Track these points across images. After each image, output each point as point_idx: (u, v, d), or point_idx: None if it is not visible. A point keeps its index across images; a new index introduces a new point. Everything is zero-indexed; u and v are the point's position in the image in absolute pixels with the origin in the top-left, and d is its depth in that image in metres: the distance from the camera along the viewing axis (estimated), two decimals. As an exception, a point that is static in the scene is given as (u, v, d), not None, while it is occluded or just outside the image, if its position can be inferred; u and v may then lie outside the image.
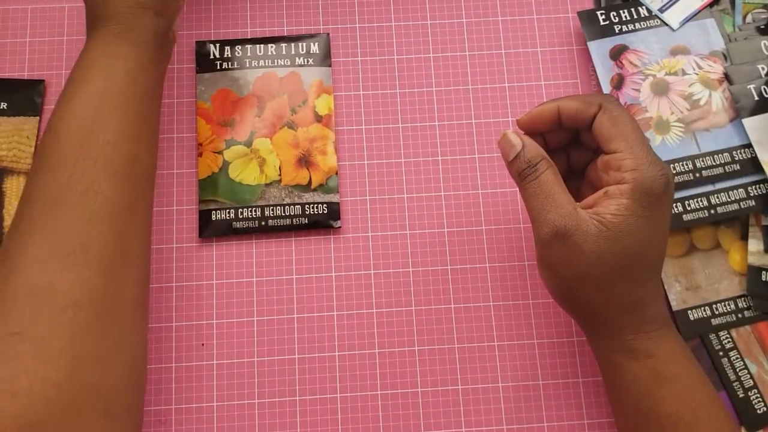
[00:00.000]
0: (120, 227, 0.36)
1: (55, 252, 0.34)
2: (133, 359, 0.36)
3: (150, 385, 0.45)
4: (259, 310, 0.46)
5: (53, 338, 0.32)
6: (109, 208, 0.36)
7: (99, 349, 0.34)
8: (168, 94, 0.50)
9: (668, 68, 0.49)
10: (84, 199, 0.35)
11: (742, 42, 0.49)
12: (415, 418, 0.45)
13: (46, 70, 0.50)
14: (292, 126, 0.49)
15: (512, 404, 0.45)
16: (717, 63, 0.49)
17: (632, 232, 0.35)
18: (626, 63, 0.49)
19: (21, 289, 0.33)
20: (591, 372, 0.46)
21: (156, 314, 0.46)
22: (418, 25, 0.52)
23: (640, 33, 0.50)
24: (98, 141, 0.36)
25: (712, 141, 0.47)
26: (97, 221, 0.35)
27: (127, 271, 0.36)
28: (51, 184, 0.35)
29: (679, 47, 0.50)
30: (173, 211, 0.48)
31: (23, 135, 0.49)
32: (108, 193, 0.36)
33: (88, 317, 0.33)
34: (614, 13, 0.50)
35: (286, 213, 0.47)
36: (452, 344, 0.46)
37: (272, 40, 0.50)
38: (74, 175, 0.35)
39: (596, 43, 0.50)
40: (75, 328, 0.33)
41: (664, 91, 0.48)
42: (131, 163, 0.37)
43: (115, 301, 0.35)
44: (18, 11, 0.51)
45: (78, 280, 0.34)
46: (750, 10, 0.51)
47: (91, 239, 0.35)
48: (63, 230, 0.34)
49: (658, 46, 0.49)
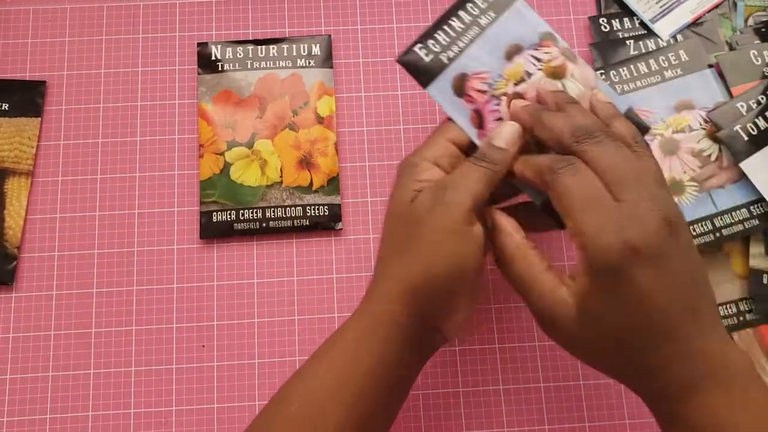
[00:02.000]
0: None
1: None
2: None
3: (151, 386, 0.45)
4: (259, 311, 0.46)
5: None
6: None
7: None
8: (169, 95, 0.50)
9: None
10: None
11: (733, 54, 0.49)
12: (416, 420, 0.45)
13: (48, 71, 0.50)
14: (293, 127, 0.49)
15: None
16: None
17: (602, 314, 0.32)
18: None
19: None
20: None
21: (157, 315, 0.46)
22: (420, 26, 0.52)
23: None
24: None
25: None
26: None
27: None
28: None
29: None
30: (174, 212, 0.48)
31: (24, 136, 0.49)
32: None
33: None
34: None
35: (287, 215, 0.47)
36: (453, 346, 0.46)
37: (274, 42, 0.50)
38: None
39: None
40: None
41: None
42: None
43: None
44: (20, 12, 0.51)
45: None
46: (752, 12, 0.51)
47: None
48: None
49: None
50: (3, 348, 0.45)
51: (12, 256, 0.46)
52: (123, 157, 0.49)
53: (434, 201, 0.35)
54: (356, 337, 0.36)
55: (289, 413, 0.35)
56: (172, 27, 0.51)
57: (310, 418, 0.34)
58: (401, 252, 0.36)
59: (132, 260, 0.47)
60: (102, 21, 0.51)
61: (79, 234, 0.47)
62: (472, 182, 0.35)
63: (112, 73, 0.50)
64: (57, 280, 0.46)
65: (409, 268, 0.35)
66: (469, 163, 0.36)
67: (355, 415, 0.34)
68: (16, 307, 0.46)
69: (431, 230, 0.34)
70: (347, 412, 0.34)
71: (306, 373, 0.36)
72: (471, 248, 0.35)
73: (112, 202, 0.48)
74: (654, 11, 0.51)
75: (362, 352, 0.35)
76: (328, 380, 0.35)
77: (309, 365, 0.37)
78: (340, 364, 0.35)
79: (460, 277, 0.35)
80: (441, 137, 0.38)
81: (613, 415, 0.45)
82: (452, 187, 0.35)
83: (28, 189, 0.48)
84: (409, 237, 0.35)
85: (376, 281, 0.37)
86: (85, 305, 0.46)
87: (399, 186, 0.37)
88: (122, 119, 0.49)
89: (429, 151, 0.38)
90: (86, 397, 0.45)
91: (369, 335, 0.35)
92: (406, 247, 0.35)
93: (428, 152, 0.37)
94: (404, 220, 0.36)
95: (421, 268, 0.35)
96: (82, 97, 0.50)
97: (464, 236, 0.34)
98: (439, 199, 0.35)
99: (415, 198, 0.36)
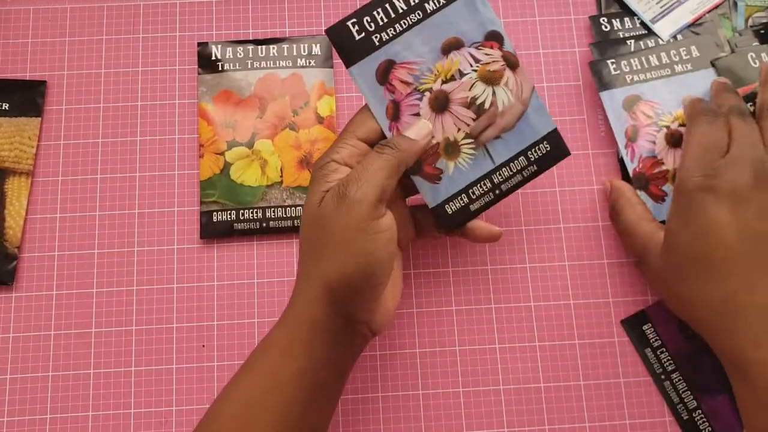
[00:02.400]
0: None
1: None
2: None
3: (151, 386, 0.45)
4: (260, 311, 0.46)
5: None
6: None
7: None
8: (169, 95, 0.50)
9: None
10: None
11: (730, 57, 0.48)
12: (416, 420, 0.45)
13: (48, 71, 0.50)
14: (293, 127, 0.49)
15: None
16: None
17: (679, 239, 0.39)
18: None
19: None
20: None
21: (157, 315, 0.46)
22: (420, 26, 0.52)
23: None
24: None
25: (504, 148, 0.42)
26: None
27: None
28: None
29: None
30: (174, 212, 0.48)
31: (25, 135, 0.49)
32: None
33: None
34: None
35: (288, 215, 0.47)
36: (453, 346, 0.46)
37: (274, 42, 0.50)
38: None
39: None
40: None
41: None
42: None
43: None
44: (20, 12, 0.51)
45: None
46: (752, 12, 0.51)
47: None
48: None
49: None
50: (3, 348, 0.45)
51: (12, 256, 0.46)
52: (123, 157, 0.49)
53: (338, 200, 0.35)
54: (280, 345, 0.36)
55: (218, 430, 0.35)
56: (172, 27, 0.51)
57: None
58: (316, 255, 0.36)
59: (132, 260, 0.47)
60: (102, 21, 0.51)
61: (79, 234, 0.47)
62: (375, 172, 0.35)
63: (112, 73, 0.50)
64: (57, 280, 0.46)
65: (324, 269, 0.35)
66: (373, 153, 0.37)
67: (284, 420, 0.35)
68: (16, 307, 0.46)
69: (339, 230, 0.35)
70: (275, 419, 0.35)
71: (233, 389, 0.37)
72: (380, 242, 0.35)
73: (113, 202, 0.48)
74: (654, 11, 0.51)
75: (287, 359, 0.36)
76: (254, 393, 0.35)
77: (236, 380, 0.37)
78: (267, 373, 0.36)
79: (373, 272, 0.35)
80: (350, 136, 0.38)
81: (614, 415, 0.45)
82: (354, 181, 0.35)
83: (28, 189, 0.48)
84: (321, 239, 0.36)
85: (297, 285, 0.37)
86: (85, 305, 0.46)
87: (310, 190, 0.37)
88: (122, 119, 0.49)
89: (338, 152, 0.37)
90: (86, 397, 0.45)
91: (293, 341, 0.36)
92: (318, 249, 0.36)
93: (337, 153, 0.37)
94: (315, 223, 0.36)
95: (334, 268, 0.35)
96: (82, 96, 0.50)
97: (371, 231, 0.35)
98: (342, 197, 0.35)
99: (323, 199, 0.36)
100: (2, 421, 0.44)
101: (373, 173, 0.35)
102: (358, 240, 0.35)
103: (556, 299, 0.47)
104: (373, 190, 0.35)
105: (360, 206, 0.35)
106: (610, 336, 0.46)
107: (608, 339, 0.46)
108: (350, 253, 0.35)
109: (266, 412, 0.35)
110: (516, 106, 0.39)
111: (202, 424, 0.37)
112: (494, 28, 0.38)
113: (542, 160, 0.40)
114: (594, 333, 0.46)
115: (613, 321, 0.46)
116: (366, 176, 0.35)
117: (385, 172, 0.36)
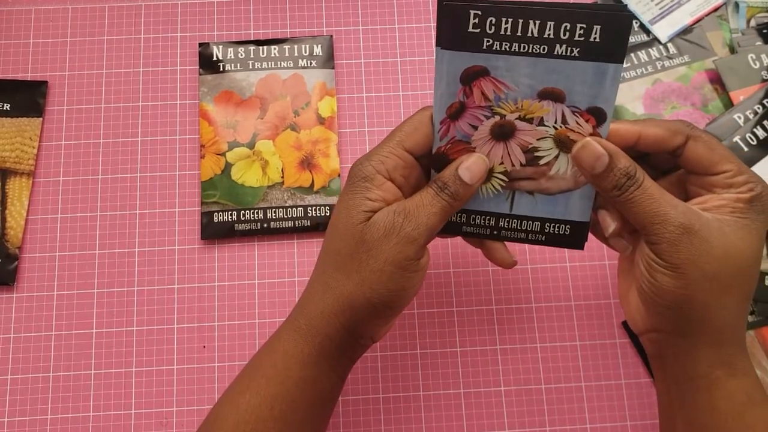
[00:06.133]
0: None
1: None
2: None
3: (151, 386, 0.45)
4: (260, 312, 0.46)
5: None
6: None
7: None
8: (170, 95, 0.50)
9: (525, 111, 0.39)
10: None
11: (730, 58, 0.49)
12: (417, 421, 0.45)
13: (49, 71, 0.50)
14: (294, 128, 0.49)
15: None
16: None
17: (747, 235, 0.33)
18: (477, 93, 0.37)
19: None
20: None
21: (157, 316, 0.46)
22: (422, 27, 0.52)
23: (513, 58, 0.41)
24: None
25: (529, 206, 0.39)
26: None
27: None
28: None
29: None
30: (175, 212, 0.48)
31: (26, 136, 0.49)
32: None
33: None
34: (493, 19, 0.37)
35: (289, 215, 0.47)
36: (454, 348, 0.46)
37: (275, 42, 0.50)
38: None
39: (450, 54, 0.36)
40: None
41: (506, 136, 0.39)
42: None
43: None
44: (21, 12, 0.51)
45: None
46: (755, 13, 0.51)
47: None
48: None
49: (527, 81, 0.39)
50: (4, 348, 0.45)
51: (13, 257, 0.46)
52: (124, 157, 0.49)
53: (389, 230, 0.34)
54: (288, 353, 0.36)
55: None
56: (173, 27, 0.51)
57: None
58: (346, 271, 0.35)
59: (133, 260, 0.47)
60: (104, 21, 0.51)
61: (80, 234, 0.47)
62: (431, 216, 0.35)
63: (113, 74, 0.50)
64: (58, 280, 0.46)
65: (352, 290, 0.35)
66: (431, 193, 0.35)
67: (290, 426, 0.35)
68: (17, 307, 0.46)
69: (381, 260, 0.34)
70: (282, 426, 0.35)
71: (237, 391, 0.37)
72: (415, 279, 0.35)
73: (114, 203, 0.48)
74: (653, 13, 0.50)
75: (294, 367, 0.36)
76: (261, 397, 0.35)
77: (240, 383, 0.37)
78: (273, 379, 0.36)
79: (400, 305, 0.35)
80: (397, 145, 0.36)
81: (614, 416, 0.45)
82: (411, 219, 0.34)
83: (29, 189, 0.48)
84: (356, 259, 0.35)
85: (314, 291, 0.37)
86: (86, 306, 0.46)
87: (349, 200, 0.35)
88: (123, 119, 0.49)
89: (383, 161, 0.35)
90: (87, 397, 0.45)
91: (302, 351, 0.36)
92: (350, 268, 0.35)
93: (382, 165, 0.35)
94: (354, 239, 0.35)
95: (362, 293, 0.34)
96: (83, 97, 0.50)
97: (410, 270, 0.34)
98: (396, 229, 0.34)
99: (368, 219, 0.35)
100: (3, 422, 0.44)
101: (430, 217, 0.35)
102: (396, 275, 0.34)
103: (557, 300, 0.47)
104: (426, 232, 0.34)
105: (410, 246, 0.34)
106: (611, 337, 0.46)
107: (609, 340, 0.46)
108: (384, 284, 0.34)
109: (273, 419, 0.35)
110: (567, 180, 0.37)
111: (207, 424, 0.37)
112: (602, 106, 0.35)
113: (554, 238, 0.38)
114: (595, 334, 0.46)
115: (614, 322, 0.46)
116: (422, 218, 0.34)
117: (439, 218, 0.35)
